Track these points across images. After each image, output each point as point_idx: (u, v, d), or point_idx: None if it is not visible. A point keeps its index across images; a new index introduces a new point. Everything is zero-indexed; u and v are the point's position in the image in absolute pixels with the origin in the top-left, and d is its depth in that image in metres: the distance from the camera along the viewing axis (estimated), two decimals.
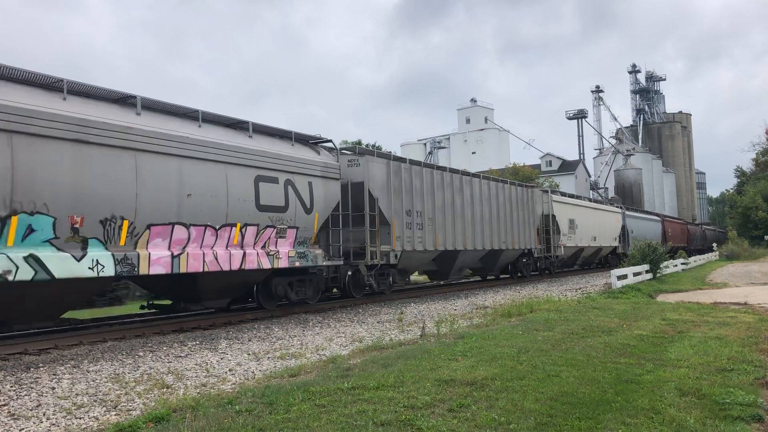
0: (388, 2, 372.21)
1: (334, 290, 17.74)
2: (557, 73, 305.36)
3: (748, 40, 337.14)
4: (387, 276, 18.13)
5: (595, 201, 38.99)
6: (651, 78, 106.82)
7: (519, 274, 27.05)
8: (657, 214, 52.80)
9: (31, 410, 6.46)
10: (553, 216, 28.20)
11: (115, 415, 6.21)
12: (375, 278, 17.37)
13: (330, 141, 16.09)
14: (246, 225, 12.81)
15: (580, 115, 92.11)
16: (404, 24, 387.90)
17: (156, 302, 13.75)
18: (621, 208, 41.27)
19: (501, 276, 27.72)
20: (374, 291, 17.85)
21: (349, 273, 16.63)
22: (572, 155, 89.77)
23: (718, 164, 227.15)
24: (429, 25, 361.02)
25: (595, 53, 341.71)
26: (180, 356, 9.59)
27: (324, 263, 15.11)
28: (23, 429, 5.84)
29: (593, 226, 33.61)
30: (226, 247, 12.37)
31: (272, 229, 13.48)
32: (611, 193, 79.50)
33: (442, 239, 19.50)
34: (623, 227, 38.73)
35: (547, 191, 29.31)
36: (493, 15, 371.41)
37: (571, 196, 34.69)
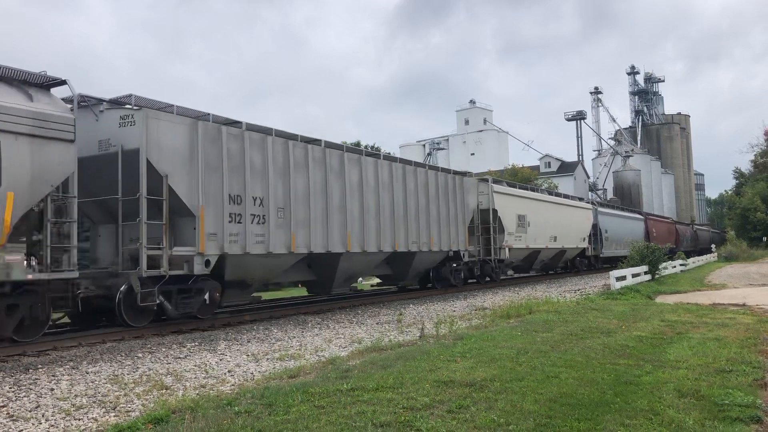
0: (388, 2, 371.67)
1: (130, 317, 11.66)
2: (557, 73, 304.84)
3: (749, 40, 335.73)
4: (199, 293, 12.54)
5: (557, 194, 32.95)
6: (650, 79, 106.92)
7: (446, 283, 21.71)
8: (640, 212, 47.44)
9: (30, 411, 6.46)
10: (494, 210, 23.45)
11: (114, 416, 6.21)
12: (173, 297, 12.04)
13: (62, 82, 10.54)
14: None
15: (578, 117, 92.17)
16: (404, 24, 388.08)
17: None
18: (593, 204, 36.36)
19: (428, 286, 22.31)
20: (171, 317, 12.22)
21: (123, 290, 11.32)
22: (572, 156, 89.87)
23: (718, 165, 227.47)
24: (429, 25, 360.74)
25: (596, 53, 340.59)
26: (179, 357, 9.59)
27: (28, 277, 9.55)
28: (22, 430, 5.83)
29: (554, 224, 28.75)
30: None
31: None
32: (610, 195, 79.59)
33: (305, 238, 14.45)
34: (595, 226, 34.40)
35: (486, 180, 24.21)
36: (493, 15, 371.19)
37: (524, 187, 29.01)
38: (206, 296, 12.67)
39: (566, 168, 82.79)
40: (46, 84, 10.51)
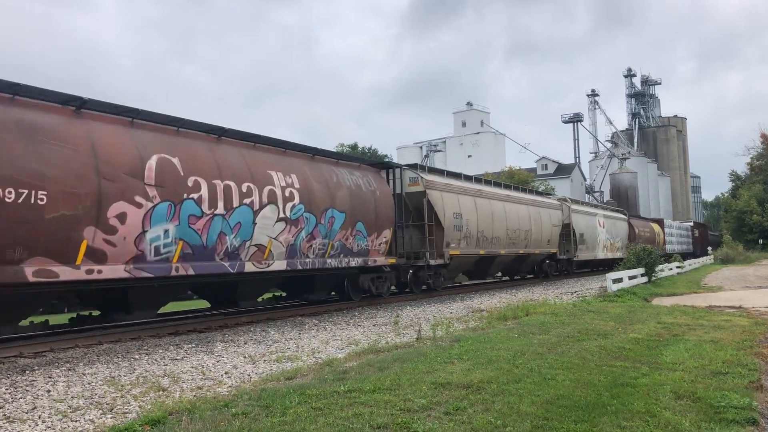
0: (399, 3, 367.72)
1: None
2: (566, 74, 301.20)
3: (762, 42, 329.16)
4: None
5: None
6: (646, 82, 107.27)
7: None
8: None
9: (26, 413, 6.45)
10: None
11: (111, 418, 6.20)
12: None
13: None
14: None
15: (575, 119, 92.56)
16: (414, 26, 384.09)
17: None
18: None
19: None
20: None
21: None
22: (570, 158, 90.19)
23: (718, 167, 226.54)
24: (439, 25, 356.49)
25: (607, 54, 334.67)
26: (176, 359, 9.58)
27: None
28: None
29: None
30: None
31: None
32: (606, 197, 79.75)
33: None
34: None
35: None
36: (503, 14, 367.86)
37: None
38: None
39: (563, 170, 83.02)
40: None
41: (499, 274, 29.70)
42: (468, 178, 24.05)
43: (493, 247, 23.64)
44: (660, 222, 50.59)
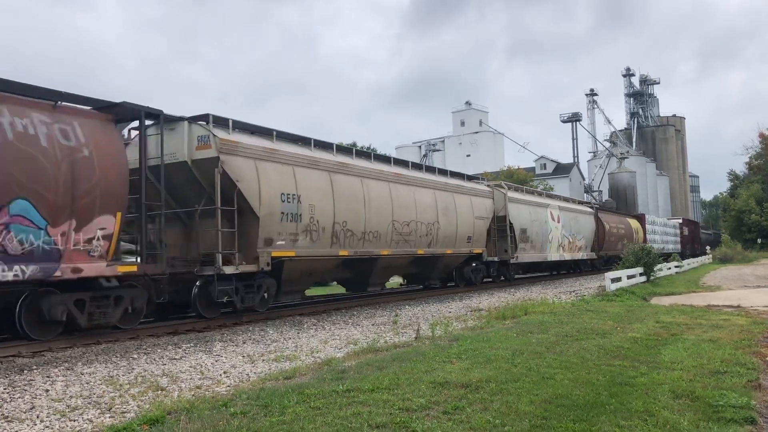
0: (400, 2, 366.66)
1: None
2: (567, 73, 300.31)
3: (762, 41, 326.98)
4: None
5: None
6: (645, 81, 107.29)
7: None
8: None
9: (24, 413, 6.44)
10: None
11: (109, 417, 6.20)
12: None
13: None
14: None
15: (574, 119, 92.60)
16: (415, 25, 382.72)
17: None
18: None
19: None
20: None
21: None
22: (569, 158, 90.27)
23: (717, 167, 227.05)
24: (440, 24, 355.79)
25: (608, 53, 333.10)
26: (174, 358, 9.57)
27: None
28: (17, 431, 5.82)
29: None
30: None
31: None
32: (605, 196, 79.79)
33: None
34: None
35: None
36: (503, 13, 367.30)
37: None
38: None
39: (562, 170, 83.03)
40: None
41: (403, 282, 24.04)
42: (327, 146, 16.62)
43: (367, 245, 16.79)
44: (640, 218, 46.19)
